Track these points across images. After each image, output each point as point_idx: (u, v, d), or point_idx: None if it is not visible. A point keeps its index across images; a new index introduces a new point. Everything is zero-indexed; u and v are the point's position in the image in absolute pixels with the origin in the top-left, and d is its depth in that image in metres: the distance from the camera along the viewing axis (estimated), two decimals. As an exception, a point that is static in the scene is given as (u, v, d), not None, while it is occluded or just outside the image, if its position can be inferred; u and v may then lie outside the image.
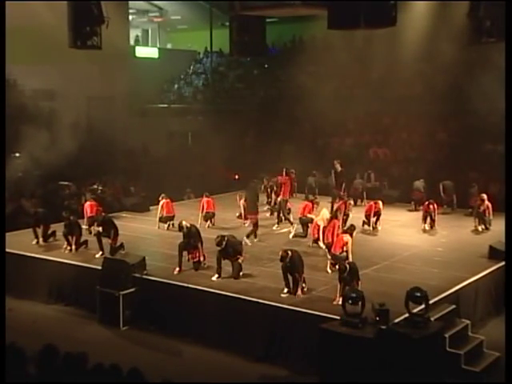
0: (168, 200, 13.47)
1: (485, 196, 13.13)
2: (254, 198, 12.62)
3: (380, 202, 13.21)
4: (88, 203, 13.04)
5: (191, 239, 10.36)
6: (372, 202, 13.28)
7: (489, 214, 12.95)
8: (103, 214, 12.16)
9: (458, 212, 14.80)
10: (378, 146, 19.02)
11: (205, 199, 13.51)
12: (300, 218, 12.51)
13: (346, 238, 10.11)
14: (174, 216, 13.27)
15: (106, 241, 11.26)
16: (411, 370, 7.46)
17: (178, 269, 10.19)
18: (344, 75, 20.41)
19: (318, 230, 11.40)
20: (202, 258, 10.36)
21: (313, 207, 12.62)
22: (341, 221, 11.77)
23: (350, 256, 9.84)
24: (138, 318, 9.82)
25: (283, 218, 13.21)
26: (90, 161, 16.78)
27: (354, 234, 10.60)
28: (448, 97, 18.11)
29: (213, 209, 13.53)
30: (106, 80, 19.27)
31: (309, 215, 12.37)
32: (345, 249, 9.95)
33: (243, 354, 8.70)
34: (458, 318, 9.06)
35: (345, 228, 11.02)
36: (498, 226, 12.63)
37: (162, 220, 13.30)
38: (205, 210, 13.38)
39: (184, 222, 10.60)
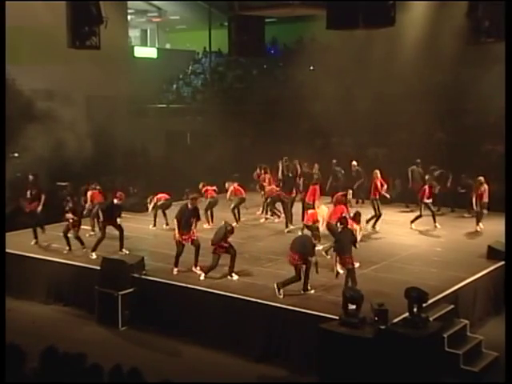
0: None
1: (482, 179, 12.95)
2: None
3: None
4: (90, 192, 13.03)
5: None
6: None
7: (485, 197, 12.75)
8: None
9: (458, 212, 14.81)
10: (376, 145, 19.03)
11: (209, 188, 13.55)
12: (308, 226, 11.63)
13: (355, 226, 10.29)
14: (168, 200, 13.29)
15: (105, 242, 11.24)
16: (410, 370, 7.46)
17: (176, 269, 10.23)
18: (343, 75, 20.40)
19: (314, 215, 11.32)
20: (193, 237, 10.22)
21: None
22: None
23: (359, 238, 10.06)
24: (137, 318, 9.82)
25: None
26: (89, 161, 16.76)
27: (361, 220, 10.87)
28: (447, 96, 18.12)
29: (215, 194, 13.59)
30: (105, 80, 19.25)
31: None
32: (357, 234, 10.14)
33: (242, 353, 8.70)
34: (457, 317, 9.07)
35: (351, 215, 10.94)
36: (497, 225, 12.64)
37: (158, 208, 13.28)
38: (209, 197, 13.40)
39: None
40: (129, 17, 25.61)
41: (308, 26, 19.71)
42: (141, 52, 26.01)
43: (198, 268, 10.15)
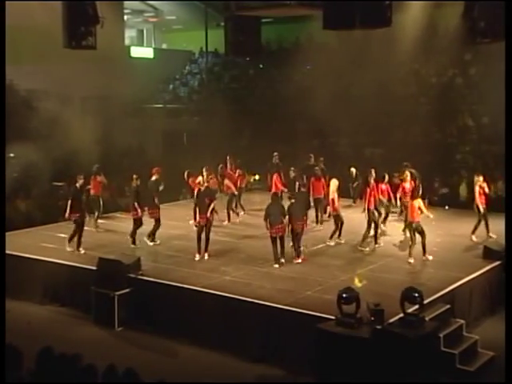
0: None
1: (481, 178, 12.34)
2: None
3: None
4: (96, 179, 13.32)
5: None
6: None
7: (486, 193, 12.21)
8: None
9: (453, 212, 14.84)
10: (373, 146, 19.06)
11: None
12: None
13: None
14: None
15: (102, 242, 11.21)
16: (406, 370, 7.48)
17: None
18: (340, 75, 20.41)
19: (333, 202, 11.71)
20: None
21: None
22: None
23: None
24: (133, 318, 9.80)
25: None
26: (85, 161, 16.73)
27: None
28: (443, 97, 18.16)
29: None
30: (101, 80, 19.21)
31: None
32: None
33: (239, 354, 8.69)
34: (453, 317, 9.08)
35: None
36: (492, 225, 12.68)
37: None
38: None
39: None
40: (125, 17, 25.54)
41: (305, 26, 19.71)
42: (137, 52, 25.97)
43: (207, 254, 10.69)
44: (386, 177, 12.74)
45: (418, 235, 10.79)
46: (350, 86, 20.22)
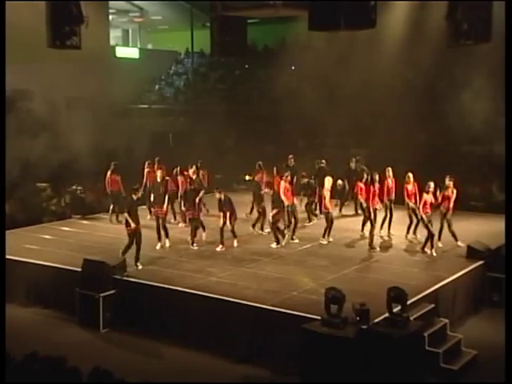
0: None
1: (451, 183, 11.69)
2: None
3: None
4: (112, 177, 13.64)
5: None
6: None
7: (449, 202, 11.56)
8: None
9: (438, 212, 14.93)
10: (358, 146, 19.16)
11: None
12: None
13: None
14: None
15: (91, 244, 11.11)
16: (391, 369, 7.53)
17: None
18: (325, 76, 20.49)
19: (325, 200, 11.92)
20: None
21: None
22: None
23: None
24: (119, 320, 9.75)
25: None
26: (70, 162, 16.62)
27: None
28: (427, 98, 18.32)
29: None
30: (86, 80, 19.08)
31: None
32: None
33: (225, 355, 8.69)
34: (437, 316, 9.16)
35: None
36: (477, 225, 12.82)
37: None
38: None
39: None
40: (110, 17, 25.41)
41: (291, 26, 19.77)
42: (122, 52, 25.85)
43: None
44: (377, 177, 12.67)
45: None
46: (335, 86, 20.29)
